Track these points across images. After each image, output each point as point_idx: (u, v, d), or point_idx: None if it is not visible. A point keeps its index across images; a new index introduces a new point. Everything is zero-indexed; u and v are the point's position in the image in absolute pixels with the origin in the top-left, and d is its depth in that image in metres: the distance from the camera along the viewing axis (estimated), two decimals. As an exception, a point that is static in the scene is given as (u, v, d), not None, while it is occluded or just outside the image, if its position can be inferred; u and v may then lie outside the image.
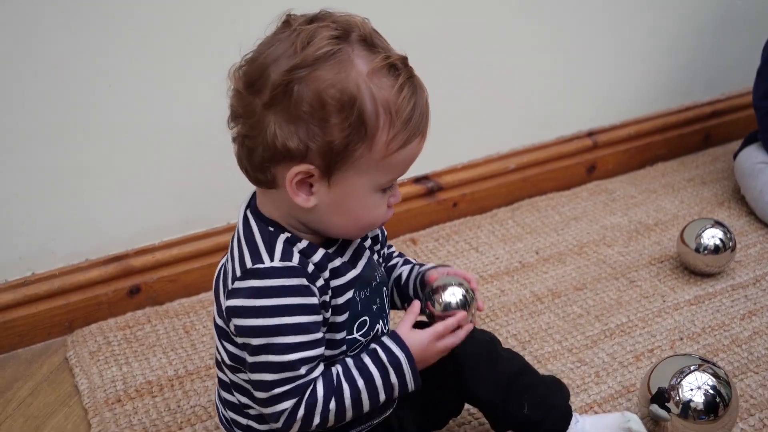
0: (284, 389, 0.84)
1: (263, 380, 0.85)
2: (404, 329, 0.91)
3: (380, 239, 0.99)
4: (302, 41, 0.80)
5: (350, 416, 0.88)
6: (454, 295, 0.93)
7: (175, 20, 1.27)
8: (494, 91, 1.59)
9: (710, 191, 1.69)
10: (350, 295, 0.89)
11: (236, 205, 1.13)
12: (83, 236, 1.34)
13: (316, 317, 0.85)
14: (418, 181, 1.58)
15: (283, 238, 0.85)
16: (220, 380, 0.97)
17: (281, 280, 0.83)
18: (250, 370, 0.86)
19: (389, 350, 0.89)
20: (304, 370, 0.84)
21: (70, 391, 1.24)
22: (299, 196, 0.83)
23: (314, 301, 0.85)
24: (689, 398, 1.03)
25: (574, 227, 1.59)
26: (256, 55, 0.83)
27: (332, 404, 0.86)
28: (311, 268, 0.85)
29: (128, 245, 1.38)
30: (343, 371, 0.87)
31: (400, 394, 0.90)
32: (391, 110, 0.81)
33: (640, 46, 1.72)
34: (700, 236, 1.39)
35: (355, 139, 0.80)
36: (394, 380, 0.88)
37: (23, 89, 1.21)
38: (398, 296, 1.02)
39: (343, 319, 0.89)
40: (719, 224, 1.41)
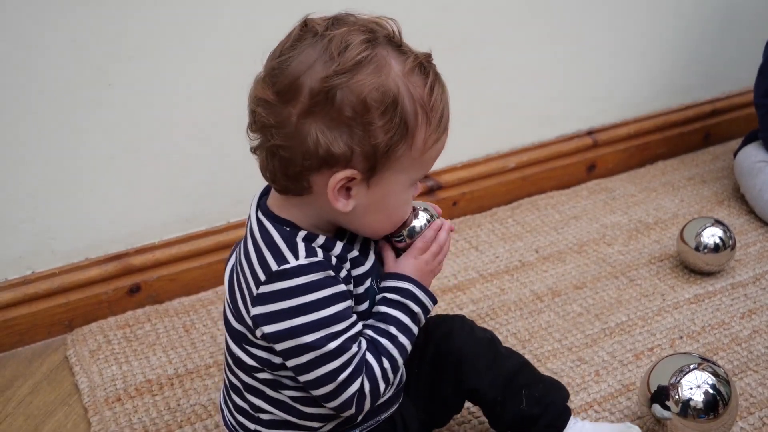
0: (348, 372, 0.86)
1: (325, 373, 0.85)
2: (390, 263, 0.94)
3: None
4: (337, 47, 0.80)
5: (401, 363, 0.91)
6: (418, 219, 0.94)
7: (175, 20, 1.26)
8: (494, 89, 1.59)
9: (710, 190, 1.69)
10: (368, 283, 0.90)
11: (236, 204, 1.14)
12: (83, 235, 1.34)
13: (349, 302, 0.87)
14: (417, 179, 1.58)
15: (301, 235, 0.86)
16: (229, 384, 0.96)
17: (310, 276, 0.84)
18: (303, 371, 0.86)
19: (395, 288, 0.91)
20: (355, 347, 0.86)
21: (70, 389, 1.24)
22: (339, 201, 0.84)
23: (344, 288, 0.86)
24: (689, 397, 1.03)
25: (574, 226, 1.59)
26: (282, 63, 0.81)
27: (386, 363, 0.88)
28: (334, 260, 0.86)
29: (128, 244, 1.38)
30: (372, 331, 0.89)
31: (425, 316, 0.93)
32: (426, 108, 0.83)
33: (640, 44, 1.72)
34: (699, 235, 1.39)
35: (397, 139, 0.82)
36: (416, 309, 0.91)
37: (23, 89, 1.21)
38: None
39: (363, 308, 0.90)
40: (719, 223, 1.41)
